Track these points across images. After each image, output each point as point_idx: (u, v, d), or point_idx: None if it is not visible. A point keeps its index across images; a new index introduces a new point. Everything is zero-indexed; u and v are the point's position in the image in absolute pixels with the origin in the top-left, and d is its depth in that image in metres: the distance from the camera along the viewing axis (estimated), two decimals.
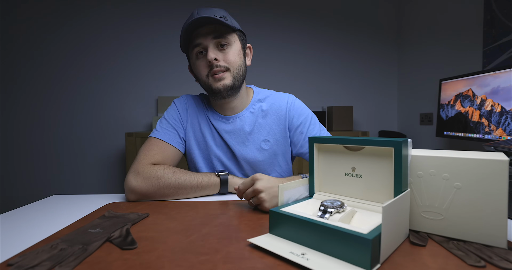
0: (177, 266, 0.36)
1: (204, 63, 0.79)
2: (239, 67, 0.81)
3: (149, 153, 0.77)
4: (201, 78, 0.81)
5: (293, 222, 0.41)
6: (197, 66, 0.80)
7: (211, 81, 0.79)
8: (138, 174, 0.70)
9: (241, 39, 0.83)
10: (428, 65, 2.07)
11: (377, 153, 0.46)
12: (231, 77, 0.79)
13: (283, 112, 0.87)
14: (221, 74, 0.78)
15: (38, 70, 2.22)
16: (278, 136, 0.87)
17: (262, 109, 0.88)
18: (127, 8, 2.26)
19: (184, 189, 0.71)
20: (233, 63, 0.79)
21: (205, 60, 0.78)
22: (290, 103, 0.88)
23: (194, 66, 0.82)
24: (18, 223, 0.55)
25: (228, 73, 0.79)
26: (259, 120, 0.87)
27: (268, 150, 0.87)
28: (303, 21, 2.37)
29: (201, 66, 0.79)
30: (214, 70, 0.77)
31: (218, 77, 0.78)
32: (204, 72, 0.79)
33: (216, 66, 0.77)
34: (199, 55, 0.79)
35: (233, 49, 0.79)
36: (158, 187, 0.69)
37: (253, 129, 0.86)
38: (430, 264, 0.36)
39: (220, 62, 0.77)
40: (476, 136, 1.33)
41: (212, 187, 0.74)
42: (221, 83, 0.78)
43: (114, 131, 2.29)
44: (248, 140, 0.86)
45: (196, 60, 0.80)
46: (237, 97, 0.84)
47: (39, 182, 2.25)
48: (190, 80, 2.30)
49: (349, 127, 2.13)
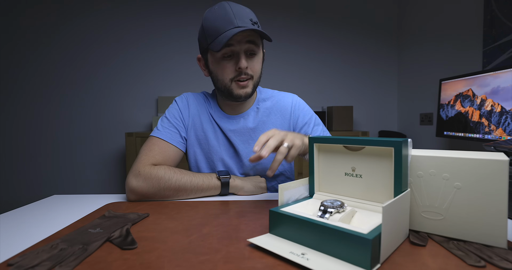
0: (177, 266, 0.36)
1: (231, 67, 0.77)
2: (259, 75, 0.82)
3: (150, 153, 0.77)
4: (222, 79, 0.79)
5: (293, 222, 0.41)
6: (222, 66, 0.77)
7: (233, 86, 0.78)
8: (139, 174, 0.70)
9: (263, 46, 0.83)
10: (428, 65, 2.07)
11: (377, 153, 0.46)
12: (253, 85, 0.80)
13: (287, 111, 0.88)
14: (246, 82, 0.78)
15: (38, 69, 2.22)
16: None
17: (266, 107, 0.89)
18: (127, 8, 2.26)
19: (184, 191, 0.71)
20: (257, 72, 0.80)
21: (232, 64, 0.76)
22: (295, 102, 0.90)
23: (216, 64, 0.79)
24: (18, 223, 0.55)
25: (251, 81, 0.79)
26: (263, 119, 0.88)
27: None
28: (303, 21, 2.37)
29: (227, 68, 0.77)
30: (241, 77, 0.77)
31: (242, 85, 0.77)
32: (229, 75, 0.77)
33: (244, 74, 0.77)
34: (226, 57, 0.77)
35: (258, 58, 0.80)
36: (158, 188, 0.69)
37: (257, 127, 0.87)
38: (430, 264, 0.36)
39: (248, 70, 0.77)
40: (476, 136, 1.33)
41: (213, 189, 0.74)
42: (244, 91, 0.78)
43: (114, 131, 2.29)
44: (252, 139, 0.86)
45: (222, 61, 0.77)
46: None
47: (39, 182, 2.25)
48: (190, 80, 2.30)
49: (349, 127, 2.13)
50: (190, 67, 2.29)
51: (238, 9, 0.74)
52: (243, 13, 0.74)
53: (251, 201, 0.68)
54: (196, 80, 2.30)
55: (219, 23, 0.72)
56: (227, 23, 0.72)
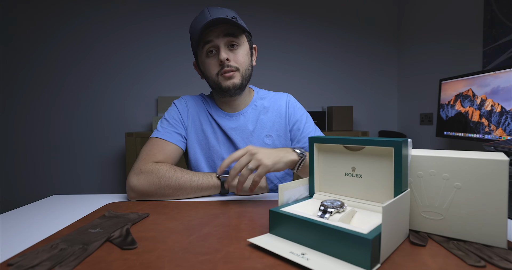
0: (177, 266, 0.36)
1: (215, 62, 0.80)
2: (247, 67, 0.84)
3: (151, 152, 0.78)
4: (210, 76, 0.82)
5: (293, 222, 0.41)
6: (207, 64, 0.82)
7: (220, 80, 0.81)
8: (140, 172, 0.71)
9: (248, 40, 0.85)
10: (428, 65, 2.07)
11: (377, 153, 0.46)
12: (240, 76, 0.82)
13: (283, 109, 0.92)
14: (231, 73, 0.80)
15: (38, 69, 2.22)
16: (279, 132, 0.91)
17: (264, 106, 0.92)
18: (127, 8, 2.26)
19: (184, 190, 0.72)
20: (243, 64, 0.82)
21: (215, 59, 0.80)
22: (289, 100, 0.94)
23: (203, 64, 0.83)
24: (18, 223, 0.55)
25: (238, 73, 0.81)
26: (261, 116, 0.90)
27: (271, 145, 0.89)
28: (303, 21, 2.37)
29: (212, 65, 0.81)
30: (225, 69, 0.79)
31: (228, 76, 0.80)
32: (214, 70, 0.81)
33: (227, 66, 0.79)
34: (209, 53, 0.81)
35: (242, 50, 0.82)
36: (159, 186, 0.70)
37: (256, 124, 0.89)
38: (430, 264, 0.36)
39: (231, 62, 0.79)
40: (476, 136, 1.33)
41: (213, 189, 0.74)
42: (231, 82, 0.80)
43: (114, 131, 2.29)
44: (252, 136, 0.89)
45: (206, 58, 0.81)
46: (242, 95, 0.88)
47: (39, 182, 2.25)
48: (190, 80, 2.30)
49: (349, 127, 2.13)
50: (190, 67, 2.29)
51: (215, 9, 0.78)
52: (219, 11, 0.77)
53: (251, 201, 0.68)
54: (196, 80, 2.30)
55: (197, 24, 0.78)
56: (203, 21, 0.75)
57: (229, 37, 0.79)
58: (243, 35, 0.83)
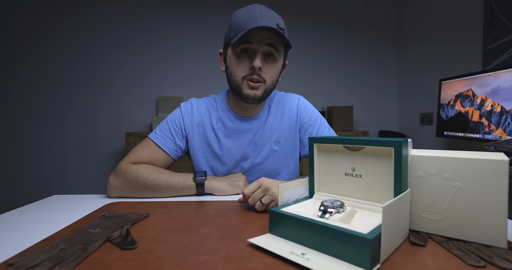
0: (177, 266, 0.36)
1: (246, 64, 0.76)
2: (273, 82, 0.81)
3: (139, 153, 0.80)
4: (235, 76, 0.78)
5: (293, 222, 0.41)
6: (237, 63, 0.77)
7: (243, 85, 0.77)
8: (120, 171, 0.74)
9: (284, 55, 0.82)
10: (428, 65, 2.07)
11: (377, 153, 0.46)
12: (263, 90, 0.78)
13: (294, 112, 0.89)
14: (257, 84, 0.77)
15: (37, 69, 2.22)
16: (288, 137, 0.88)
17: (274, 110, 0.89)
18: (127, 7, 2.26)
19: (159, 190, 0.73)
20: (271, 78, 0.79)
21: (247, 62, 0.76)
22: (301, 104, 0.90)
23: (232, 60, 0.78)
24: (18, 223, 0.55)
25: (263, 85, 0.78)
26: (271, 121, 0.88)
27: (279, 151, 0.88)
28: (303, 21, 2.37)
29: (241, 65, 0.76)
30: (253, 77, 0.76)
31: (252, 86, 0.76)
32: (242, 72, 0.77)
33: (257, 74, 0.76)
34: (243, 53, 0.76)
35: (276, 65, 0.79)
36: (136, 185, 0.72)
37: (265, 130, 0.87)
38: (430, 264, 0.36)
39: (261, 72, 0.76)
40: (476, 136, 1.33)
41: (188, 190, 0.75)
42: (253, 92, 0.77)
43: (114, 131, 2.29)
44: (261, 141, 0.87)
45: (238, 57, 0.77)
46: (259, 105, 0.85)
47: (39, 182, 2.25)
48: (190, 80, 2.30)
49: (349, 127, 2.13)
50: (190, 67, 2.29)
51: (267, 12, 0.74)
52: (271, 16, 0.73)
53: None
54: (197, 80, 2.30)
55: (244, 20, 0.73)
56: (252, 21, 0.72)
57: (270, 46, 0.75)
58: (282, 49, 0.79)
